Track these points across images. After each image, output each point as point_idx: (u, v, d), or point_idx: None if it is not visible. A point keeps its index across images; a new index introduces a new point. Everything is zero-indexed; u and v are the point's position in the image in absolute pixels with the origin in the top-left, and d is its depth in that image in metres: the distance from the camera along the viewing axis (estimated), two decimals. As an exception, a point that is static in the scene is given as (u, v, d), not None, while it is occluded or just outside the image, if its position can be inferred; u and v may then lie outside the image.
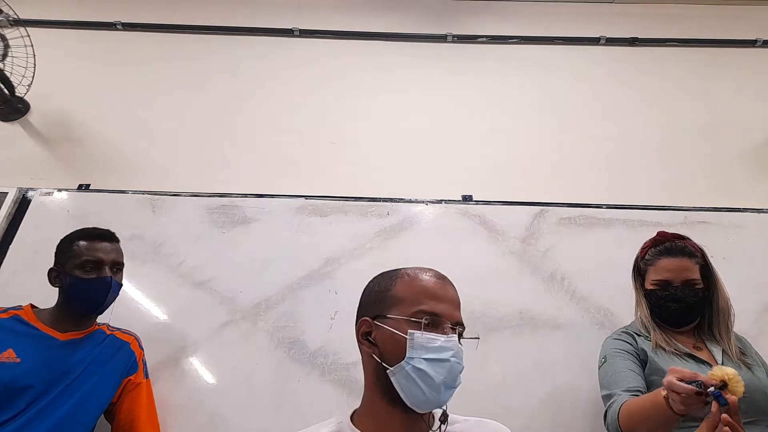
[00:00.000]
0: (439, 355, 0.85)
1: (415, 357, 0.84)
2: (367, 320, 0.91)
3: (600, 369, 1.44)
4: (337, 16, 2.55)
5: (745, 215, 1.96)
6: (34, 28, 2.18)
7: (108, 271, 1.43)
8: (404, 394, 0.85)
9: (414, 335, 0.85)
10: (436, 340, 0.85)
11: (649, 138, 2.24)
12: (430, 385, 0.84)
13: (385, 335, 0.87)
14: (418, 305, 0.87)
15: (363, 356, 0.93)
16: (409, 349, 0.84)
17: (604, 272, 1.81)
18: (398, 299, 0.89)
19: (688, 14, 2.57)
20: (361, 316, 0.93)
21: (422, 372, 0.84)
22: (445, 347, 0.85)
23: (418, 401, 0.85)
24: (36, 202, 1.96)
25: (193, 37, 2.51)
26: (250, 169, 2.14)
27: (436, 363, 0.84)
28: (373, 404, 0.90)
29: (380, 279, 0.96)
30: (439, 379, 0.84)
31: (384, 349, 0.87)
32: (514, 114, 2.31)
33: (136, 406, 1.48)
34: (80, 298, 1.42)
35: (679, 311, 1.38)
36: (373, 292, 0.94)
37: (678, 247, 1.42)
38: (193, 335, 1.70)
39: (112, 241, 1.48)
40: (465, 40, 2.50)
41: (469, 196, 2.03)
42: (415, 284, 0.90)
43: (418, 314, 0.86)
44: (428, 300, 0.88)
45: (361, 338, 0.91)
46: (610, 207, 1.98)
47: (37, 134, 2.23)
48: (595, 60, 2.46)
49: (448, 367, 0.85)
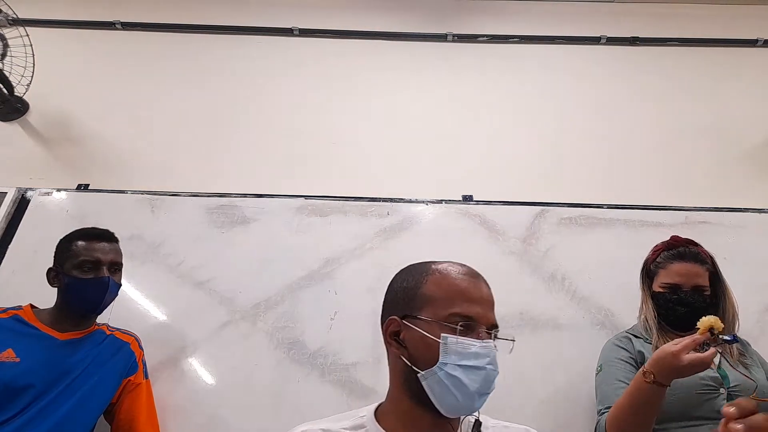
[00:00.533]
0: (475, 362, 0.80)
1: (448, 363, 0.79)
2: (395, 320, 0.85)
3: (596, 377, 1.45)
4: (337, 16, 2.55)
5: (746, 215, 1.95)
6: (33, 27, 2.17)
7: (106, 272, 1.43)
8: (436, 400, 0.81)
9: (447, 340, 0.80)
10: (472, 345, 0.80)
11: (650, 138, 2.24)
12: (463, 392, 0.79)
13: (415, 337, 0.82)
14: (451, 307, 0.81)
15: (390, 356, 0.88)
16: (442, 354, 0.80)
17: (605, 272, 1.81)
18: (429, 299, 0.83)
19: (689, 14, 2.57)
20: (388, 314, 0.88)
21: (456, 379, 0.79)
22: (480, 354, 0.81)
23: (450, 408, 0.81)
24: (35, 202, 1.95)
25: (192, 37, 2.51)
26: (249, 169, 2.13)
27: (471, 370, 0.80)
28: (399, 404, 0.86)
29: (408, 275, 0.89)
30: (474, 387, 0.80)
31: (414, 352, 0.82)
32: (515, 113, 2.30)
33: (135, 406, 1.47)
34: (78, 299, 1.42)
35: (686, 315, 1.38)
36: (402, 289, 0.88)
37: (691, 253, 1.43)
38: (192, 335, 1.70)
39: (110, 241, 1.48)
40: (465, 39, 2.50)
41: (470, 196, 2.03)
42: (447, 283, 0.84)
43: (452, 318, 0.81)
44: (462, 301, 0.82)
45: (389, 338, 0.86)
46: (610, 207, 1.97)
47: (36, 134, 2.23)
48: (595, 59, 2.45)
49: (483, 374, 0.81)
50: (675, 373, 1.12)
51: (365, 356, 1.66)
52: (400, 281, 0.90)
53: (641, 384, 1.15)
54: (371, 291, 1.76)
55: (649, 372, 1.14)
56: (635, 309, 1.55)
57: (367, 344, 1.67)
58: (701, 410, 1.26)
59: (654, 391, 1.14)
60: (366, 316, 1.71)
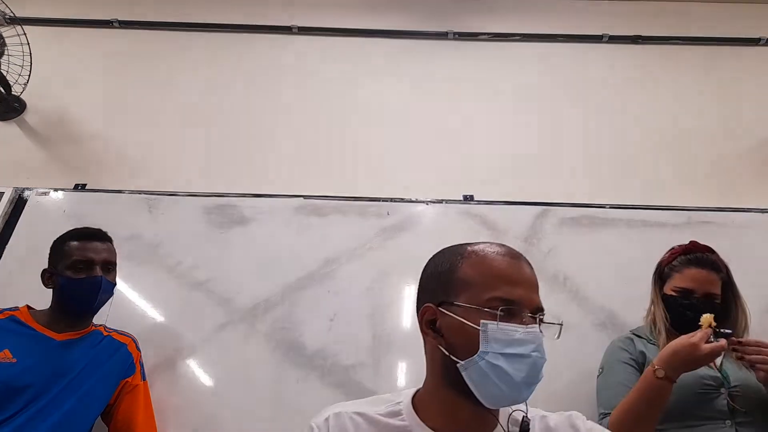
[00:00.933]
0: (519, 349, 0.74)
1: (489, 351, 0.73)
2: (431, 307, 0.80)
3: (598, 378, 1.45)
4: (336, 14, 2.54)
5: (750, 215, 1.95)
6: (30, 26, 2.17)
7: (99, 271, 1.42)
8: (477, 391, 0.74)
9: (488, 326, 0.74)
10: (515, 332, 0.74)
11: (653, 137, 2.23)
12: (508, 383, 0.73)
13: (453, 325, 0.77)
14: (490, 291, 0.75)
15: (427, 345, 0.83)
16: (482, 343, 0.74)
17: (607, 273, 1.80)
18: (466, 283, 0.77)
19: (691, 12, 2.56)
20: (423, 301, 0.83)
21: (499, 369, 0.73)
22: (525, 340, 0.74)
23: (494, 399, 0.75)
24: (32, 202, 1.94)
25: (190, 35, 2.49)
26: (248, 169, 2.13)
27: (515, 359, 0.73)
28: (438, 394, 0.80)
29: (442, 258, 0.84)
30: (519, 377, 0.73)
31: (452, 341, 0.77)
32: (516, 112, 2.29)
33: (133, 408, 1.47)
34: (72, 299, 1.41)
35: (694, 321, 1.36)
36: (436, 274, 0.82)
37: (708, 260, 1.42)
38: (190, 337, 1.69)
39: (103, 240, 1.48)
40: (466, 37, 2.49)
41: (471, 196, 2.02)
42: (485, 265, 0.78)
43: (492, 302, 0.74)
44: (502, 284, 0.76)
45: (425, 327, 0.81)
46: (613, 207, 1.96)
47: (34, 133, 2.22)
48: (597, 58, 2.44)
49: (529, 362, 0.74)
50: (693, 364, 1.16)
51: (365, 358, 1.65)
52: (434, 266, 0.84)
53: (651, 380, 1.18)
54: (371, 292, 1.76)
55: (660, 368, 1.17)
56: (637, 309, 1.54)
57: (367, 345, 1.67)
58: (702, 410, 1.26)
59: (663, 388, 1.16)
60: (366, 317, 1.72)
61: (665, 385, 1.16)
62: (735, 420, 1.25)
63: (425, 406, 0.81)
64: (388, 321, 1.72)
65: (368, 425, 0.79)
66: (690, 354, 1.15)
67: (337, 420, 0.79)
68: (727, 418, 1.26)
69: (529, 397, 0.76)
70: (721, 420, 1.25)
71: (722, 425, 1.25)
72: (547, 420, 0.81)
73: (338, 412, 0.80)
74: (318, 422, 0.80)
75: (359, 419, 0.79)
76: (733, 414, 1.26)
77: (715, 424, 1.25)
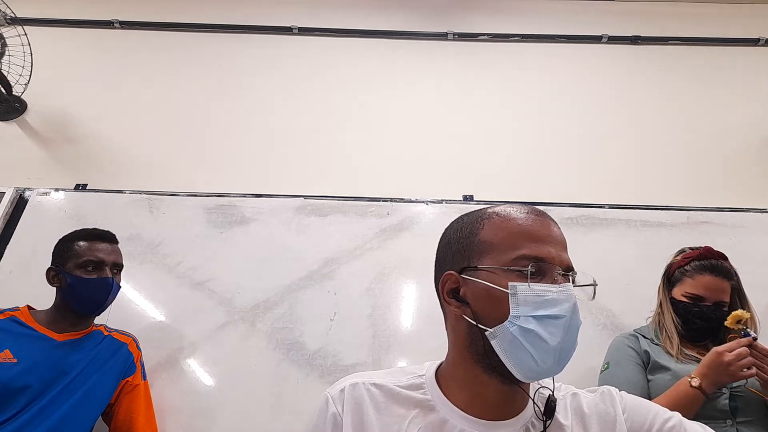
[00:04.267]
0: (553, 310, 0.67)
1: (521, 315, 0.67)
2: (452, 275, 0.74)
3: (601, 374, 1.43)
4: (336, 14, 2.54)
5: (749, 215, 1.94)
6: (31, 26, 2.17)
7: (109, 272, 1.43)
8: (509, 362, 0.68)
9: (517, 288, 0.67)
10: (547, 292, 0.67)
11: (652, 137, 2.22)
12: (542, 349, 0.66)
13: (478, 291, 0.70)
14: (516, 250, 0.69)
15: (449, 317, 0.76)
16: (512, 306, 0.67)
17: (607, 273, 1.78)
18: (490, 244, 0.71)
19: (690, 12, 2.56)
20: (442, 270, 0.76)
21: (532, 333, 0.66)
22: (558, 300, 0.67)
23: (527, 370, 0.68)
24: (33, 202, 1.94)
25: (190, 36, 2.49)
26: (248, 169, 2.12)
27: (549, 321, 0.67)
28: (461, 368, 0.74)
29: (461, 224, 0.77)
30: (554, 342, 0.66)
31: (479, 308, 0.70)
32: (516, 112, 2.29)
33: (134, 407, 1.47)
34: (81, 298, 1.42)
35: (702, 329, 1.38)
36: (455, 240, 0.76)
37: (722, 268, 1.40)
38: (190, 336, 1.69)
39: (112, 242, 1.49)
40: (466, 38, 2.49)
41: (470, 196, 2.02)
42: (509, 224, 0.72)
43: (519, 261, 0.68)
44: (529, 242, 0.69)
45: (447, 297, 0.74)
46: (612, 207, 1.96)
47: (35, 134, 2.22)
48: (597, 58, 2.44)
49: (564, 325, 0.67)
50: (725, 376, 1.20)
51: (365, 357, 1.65)
52: (453, 232, 0.78)
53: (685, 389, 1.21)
54: (371, 291, 1.75)
55: (696, 377, 1.21)
56: (637, 310, 1.54)
57: (367, 345, 1.67)
58: (704, 410, 1.25)
59: (696, 398, 1.20)
60: (366, 316, 1.72)
61: (697, 395, 1.19)
62: (736, 420, 1.25)
63: (449, 381, 0.75)
64: (388, 321, 1.71)
65: (386, 397, 0.74)
66: (717, 363, 1.19)
67: (354, 391, 0.74)
68: (728, 418, 1.25)
69: (563, 368, 0.70)
70: (722, 420, 1.25)
71: (723, 425, 1.25)
72: (579, 399, 0.76)
73: (355, 383, 0.75)
74: (333, 393, 0.75)
75: (376, 391, 0.75)
76: (734, 414, 1.26)
77: (716, 423, 1.24)
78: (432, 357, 0.82)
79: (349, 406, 0.73)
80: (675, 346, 1.37)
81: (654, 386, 1.33)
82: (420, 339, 1.66)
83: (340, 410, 0.73)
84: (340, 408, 0.73)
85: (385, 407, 0.73)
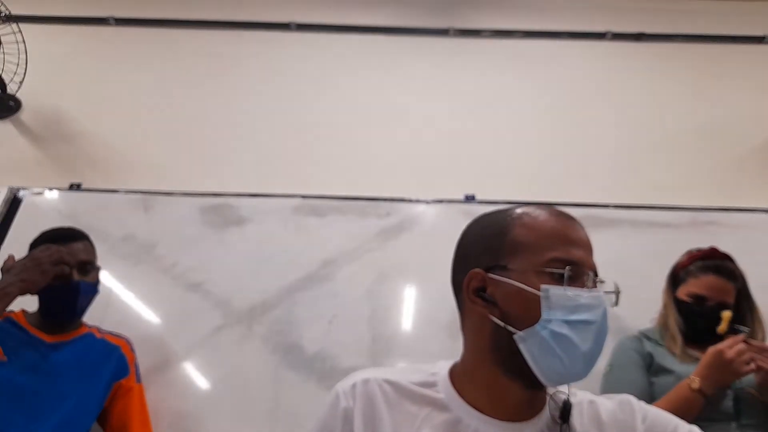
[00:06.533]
0: (585, 315, 0.67)
1: (553, 319, 0.66)
2: (479, 273, 0.72)
3: (604, 376, 1.43)
4: (334, 10, 2.52)
5: (754, 215, 1.93)
6: (26, 24, 2.15)
7: (76, 274, 1.37)
8: (537, 366, 0.67)
9: (550, 291, 0.67)
10: (580, 296, 0.67)
11: (657, 136, 2.21)
12: (571, 354, 0.66)
13: (509, 292, 0.69)
14: (549, 252, 0.69)
15: (472, 317, 0.74)
16: (544, 309, 0.66)
17: (611, 274, 1.75)
18: (521, 245, 0.70)
19: (695, 9, 2.54)
20: (466, 268, 0.74)
21: (563, 338, 0.66)
22: (592, 305, 0.67)
23: (553, 375, 0.67)
24: (27, 202, 1.93)
25: (186, 33, 2.48)
26: (245, 168, 2.11)
27: (582, 326, 0.67)
28: (479, 371, 0.72)
29: (487, 222, 0.77)
30: (585, 347, 0.66)
31: (508, 310, 0.69)
32: (518, 111, 2.28)
33: (128, 410, 1.46)
34: (52, 306, 1.39)
35: (704, 329, 1.37)
36: (483, 238, 0.75)
37: (726, 269, 1.40)
38: (186, 339, 1.68)
39: (76, 240, 1.41)
40: (467, 34, 2.47)
41: (472, 196, 2.00)
42: (542, 226, 0.71)
43: (553, 263, 0.68)
44: (561, 245, 0.69)
45: (472, 295, 0.73)
46: (616, 207, 1.95)
47: (29, 132, 2.21)
48: (600, 55, 2.43)
49: (595, 330, 0.67)
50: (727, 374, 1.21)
51: (364, 361, 1.64)
52: (479, 229, 0.77)
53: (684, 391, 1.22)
54: (370, 293, 1.74)
55: (695, 378, 1.21)
56: (641, 311, 1.51)
57: (367, 348, 1.66)
58: (708, 410, 1.24)
59: (695, 400, 1.20)
60: (365, 319, 1.71)
61: (697, 398, 1.19)
62: (740, 422, 1.25)
63: (464, 380, 0.74)
64: (387, 323, 1.70)
65: (398, 395, 0.73)
66: (719, 362, 1.19)
67: (365, 387, 0.73)
68: (732, 420, 1.25)
69: (588, 373, 0.69)
70: (727, 422, 1.25)
71: (728, 427, 1.25)
72: (597, 407, 0.74)
73: (367, 378, 0.74)
74: (344, 388, 0.74)
75: (388, 387, 0.73)
76: (738, 416, 1.26)
77: (720, 425, 1.25)
78: (433, 361, 0.81)
79: (360, 401, 0.72)
80: (678, 346, 1.37)
81: (657, 389, 1.32)
82: (421, 342, 1.66)
83: (352, 405, 0.72)
84: (351, 402, 0.72)
85: (397, 404, 0.72)
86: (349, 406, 0.72)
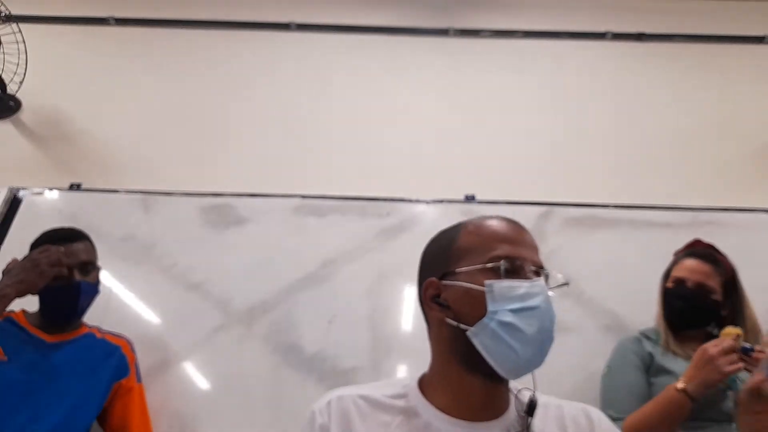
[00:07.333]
0: (528, 302, 0.71)
1: (498, 310, 0.71)
2: (433, 281, 0.78)
3: (603, 377, 1.44)
4: (334, 10, 2.52)
5: (755, 216, 1.92)
6: (26, 24, 2.15)
7: (77, 275, 1.37)
8: (492, 358, 0.71)
9: (493, 285, 0.72)
10: (520, 286, 0.72)
11: (657, 136, 2.21)
12: (521, 340, 0.70)
13: (458, 293, 0.75)
14: (491, 251, 0.74)
15: (432, 324, 0.81)
16: (489, 303, 0.72)
17: (611, 274, 1.78)
18: (466, 250, 0.77)
19: (696, 9, 2.54)
20: (424, 279, 0.82)
21: (510, 326, 0.70)
22: (531, 293, 0.72)
23: (510, 364, 0.71)
24: (27, 202, 1.93)
25: (186, 33, 2.48)
26: (245, 168, 2.11)
27: (525, 313, 0.71)
28: (446, 372, 0.77)
29: (440, 237, 0.85)
30: (531, 331, 0.71)
31: (459, 309, 0.74)
32: (518, 111, 2.27)
33: (128, 410, 1.46)
34: (53, 307, 1.39)
35: (683, 311, 1.38)
36: (435, 250, 0.83)
37: (705, 253, 1.43)
38: (186, 339, 1.67)
39: (77, 240, 1.41)
40: (467, 34, 2.47)
41: (472, 196, 2.00)
42: (483, 231, 0.78)
43: (495, 260, 0.73)
44: (501, 244, 0.75)
45: (429, 302, 0.79)
46: (617, 207, 1.94)
47: (29, 132, 2.21)
48: (601, 55, 2.43)
49: (538, 314, 0.71)
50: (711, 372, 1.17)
51: (364, 361, 1.64)
52: (432, 245, 0.86)
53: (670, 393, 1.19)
54: (370, 293, 1.74)
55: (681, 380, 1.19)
56: (642, 311, 1.53)
57: (367, 348, 1.66)
58: (709, 412, 1.25)
59: (681, 403, 1.18)
60: (365, 319, 1.70)
61: (683, 400, 1.17)
62: None
63: (432, 386, 0.79)
64: (387, 323, 1.70)
65: (371, 408, 0.77)
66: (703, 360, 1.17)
67: (340, 403, 0.77)
68: (732, 421, 1.25)
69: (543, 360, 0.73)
70: (727, 422, 1.25)
71: (728, 427, 1.24)
72: (562, 410, 0.78)
73: (341, 395, 0.78)
74: (320, 406, 0.78)
75: (362, 402, 0.78)
76: None
77: (720, 426, 1.25)
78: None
79: (335, 417, 0.76)
80: (666, 338, 1.38)
81: (657, 389, 1.32)
82: (420, 342, 1.59)
83: (327, 421, 0.76)
84: (327, 419, 0.76)
85: (370, 415, 0.76)
86: (325, 422, 0.75)
